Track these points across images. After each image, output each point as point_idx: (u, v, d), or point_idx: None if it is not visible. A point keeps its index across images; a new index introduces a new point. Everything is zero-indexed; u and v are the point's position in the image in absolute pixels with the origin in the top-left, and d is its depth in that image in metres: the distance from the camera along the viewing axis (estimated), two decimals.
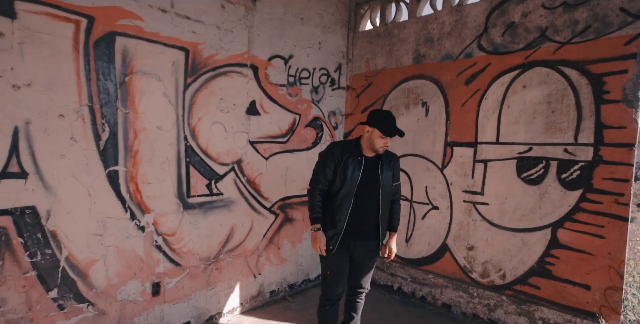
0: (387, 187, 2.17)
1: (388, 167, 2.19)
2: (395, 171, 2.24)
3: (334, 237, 2.13)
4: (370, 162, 2.15)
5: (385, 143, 2.08)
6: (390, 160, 2.23)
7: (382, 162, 2.17)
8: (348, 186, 2.10)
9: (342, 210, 2.12)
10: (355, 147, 2.16)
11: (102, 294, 2.18)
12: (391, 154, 2.27)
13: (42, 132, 1.88)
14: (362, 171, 2.11)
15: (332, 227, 2.14)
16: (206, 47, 2.53)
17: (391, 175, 2.19)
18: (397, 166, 2.27)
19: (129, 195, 2.24)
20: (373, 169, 2.14)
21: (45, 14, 1.84)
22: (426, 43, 3.16)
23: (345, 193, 2.11)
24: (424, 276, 3.23)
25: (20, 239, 1.86)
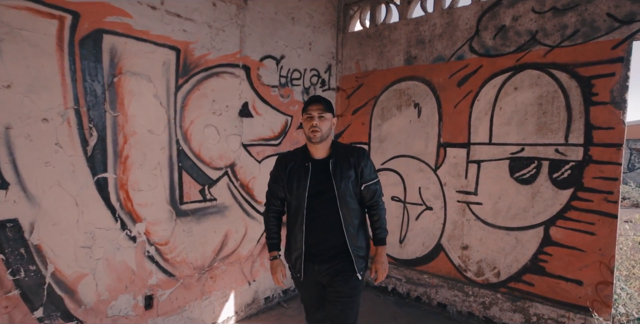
0: (347, 192, 1.71)
1: (345, 167, 1.73)
2: (359, 169, 1.75)
3: (297, 262, 1.78)
4: (320, 165, 1.75)
5: (311, 125, 1.68)
6: (348, 157, 1.74)
7: (333, 161, 1.73)
8: (297, 199, 1.74)
9: (296, 228, 1.76)
10: (303, 152, 1.81)
11: (92, 310, 2.03)
12: (351, 149, 1.79)
13: (23, 138, 1.72)
14: (311, 178, 1.72)
15: (294, 250, 1.79)
16: (198, 46, 2.42)
17: (351, 176, 1.73)
18: (364, 162, 1.76)
19: (119, 203, 2.10)
20: (325, 172, 1.73)
21: (26, 9, 1.69)
22: (417, 45, 3.18)
23: (295, 208, 1.75)
24: (419, 277, 3.25)
25: (1, 256, 1.70)
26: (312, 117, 1.69)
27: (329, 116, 1.74)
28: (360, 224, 1.79)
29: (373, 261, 1.84)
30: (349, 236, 1.73)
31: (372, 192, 1.80)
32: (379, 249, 1.84)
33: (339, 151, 1.78)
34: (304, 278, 1.79)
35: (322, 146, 1.76)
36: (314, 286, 1.84)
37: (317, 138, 1.69)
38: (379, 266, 1.82)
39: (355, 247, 1.75)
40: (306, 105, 1.75)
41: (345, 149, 1.81)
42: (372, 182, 1.80)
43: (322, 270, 1.76)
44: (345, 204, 1.72)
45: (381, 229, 1.85)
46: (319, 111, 1.70)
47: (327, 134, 1.74)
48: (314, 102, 1.73)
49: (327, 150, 1.79)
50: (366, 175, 1.77)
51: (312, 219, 1.73)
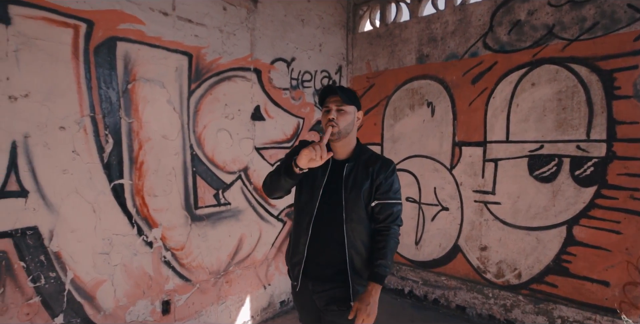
0: (356, 206, 1.45)
1: (361, 176, 1.46)
2: (377, 181, 1.46)
3: (296, 268, 1.53)
4: (338, 167, 1.51)
5: (328, 118, 1.42)
6: (368, 165, 1.48)
7: (349, 166, 1.48)
8: (309, 196, 1.51)
9: (302, 228, 1.51)
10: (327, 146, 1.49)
11: (111, 316, 2.04)
12: (375, 158, 1.51)
13: (42, 146, 1.74)
14: (328, 178, 1.49)
15: (295, 254, 1.55)
16: (209, 51, 2.43)
17: (365, 188, 1.45)
18: (385, 175, 1.46)
19: (135, 209, 2.11)
20: (340, 177, 1.49)
21: (42, 19, 1.71)
22: (429, 43, 3.13)
23: (305, 205, 1.52)
24: (436, 279, 3.19)
25: (22, 263, 1.71)
26: (330, 111, 1.44)
27: (351, 109, 1.46)
28: (367, 247, 1.49)
29: (357, 299, 1.37)
30: (350, 257, 1.45)
31: (386, 215, 1.47)
32: (370, 287, 1.37)
33: (361, 157, 1.51)
34: (299, 288, 1.54)
35: (341, 145, 1.50)
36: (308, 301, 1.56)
37: (335, 135, 1.43)
38: (361, 306, 1.33)
39: (356, 272, 1.45)
40: (322, 96, 1.48)
41: (370, 156, 1.52)
42: (388, 202, 1.47)
43: (316, 290, 1.50)
44: (351, 219, 1.45)
45: (382, 263, 1.41)
46: (337, 103, 1.43)
47: (348, 131, 1.46)
48: (331, 94, 1.45)
49: (348, 152, 1.52)
50: (383, 190, 1.46)
51: (320, 226, 1.48)
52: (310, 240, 1.49)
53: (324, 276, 1.49)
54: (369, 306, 1.34)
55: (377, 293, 1.38)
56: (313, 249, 1.49)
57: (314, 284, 1.50)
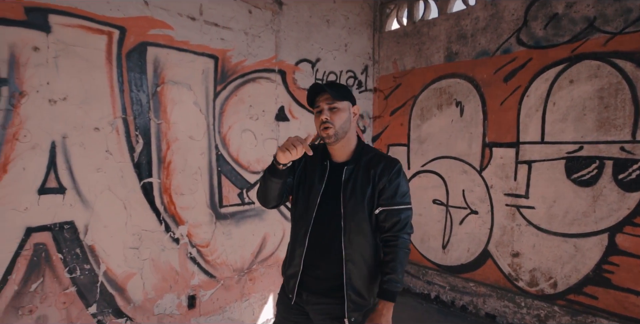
0: (356, 214, 1.32)
1: (361, 180, 1.33)
2: (380, 185, 1.32)
3: (292, 281, 1.41)
4: (337, 171, 1.38)
5: (321, 119, 1.30)
6: (370, 167, 1.34)
7: (348, 169, 1.35)
8: (305, 203, 1.39)
9: (298, 239, 1.40)
10: (323, 150, 1.43)
11: (140, 308, 2.14)
12: (378, 158, 1.37)
13: (78, 146, 1.86)
14: (326, 184, 1.37)
15: (291, 266, 1.43)
16: (235, 53, 2.48)
17: (367, 194, 1.32)
18: (389, 177, 1.32)
19: (163, 207, 2.20)
20: (337, 182, 1.36)
21: (79, 27, 1.82)
22: (459, 40, 3.02)
23: (302, 213, 1.40)
24: (464, 285, 3.07)
25: (60, 255, 1.84)
26: (322, 111, 1.30)
27: (345, 105, 1.33)
28: (369, 262, 1.36)
29: (368, 319, 1.30)
30: (348, 272, 1.32)
31: (393, 222, 1.32)
32: (381, 306, 1.28)
33: (362, 158, 1.37)
34: (284, 299, 1.45)
35: (340, 146, 1.36)
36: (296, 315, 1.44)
37: (331, 137, 1.30)
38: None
39: (353, 287, 1.32)
40: (310, 96, 1.36)
41: (373, 157, 1.37)
42: (395, 208, 1.32)
43: (310, 302, 1.39)
44: (350, 230, 1.32)
45: (392, 278, 1.29)
46: (328, 101, 1.30)
47: (345, 130, 1.33)
48: (320, 92, 1.32)
49: (349, 153, 1.38)
50: (388, 195, 1.32)
51: (317, 236, 1.36)
52: (306, 252, 1.36)
53: (320, 290, 1.37)
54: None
55: (389, 312, 1.27)
56: (309, 261, 1.37)
57: (309, 296, 1.38)
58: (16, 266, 1.71)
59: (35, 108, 1.72)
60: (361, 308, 1.35)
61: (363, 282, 1.35)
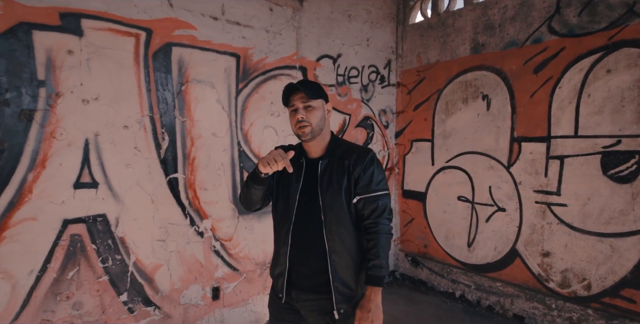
0: (334, 206, 1.34)
1: (337, 172, 1.36)
2: (354, 175, 1.35)
3: (280, 280, 1.42)
4: (313, 166, 1.40)
5: (298, 118, 1.33)
6: (344, 158, 1.37)
7: (324, 163, 1.38)
8: (285, 203, 1.41)
9: (281, 238, 1.42)
10: (300, 148, 1.47)
11: (167, 298, 2.25)
12: (351, 149, 1.40)
13: (109, 144, 1.97)
14: (304, 181, 1.39)
15: (277, 265, 1.45)
16: (256, 51, 2.52)
17: (343, 185, 1.34)
18: (363, 166, 1.35)
19: (188, 201, 2.29)
20: (314, 177, 1.39)
21: (109, 30, 1.92)
22: (486, 31, 2.90)
23: (283, 213, 1.42)
24: (491, 284, 2.98)
25: (94, 246, 1.96)
26: (297, 110, 1.34)
27: (319, 103, 1.37)
28: (352, 252, 1.38)
29: (358, 306, 1.32)
30: (333, 264, 1.34)
31: (371, 209, 1.35)
32: (369, 292, 1.31)
33: (337, 151, 1.40)
34: (275, 299, 1.46)
35: (316, 143, 1.39)
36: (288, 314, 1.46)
37: (307, 135, 1.33)
38: (363, 315, 1.27)
39: (339, 279, 1.34)
40: (285, 96, 1.38)
41: (346, 149, 1.40)
42: (371, 195, 1.34)
43: (300, 299, 1.41)
44: (330, 221, 1.34)
45: (376, 263, 1.32)
46: (302, 100, 1.33)
47: (321, 127, 1.36)
48: (294, 91, 1.35)
49: (323, 147, 1.42)
50: (363, 184, 1.34)
51: (299, 233, 1.38)
52: (290, 250, 1.38)
53: (308, 286, 1.39)
54: (370, 313, 1.27)
55: (377, 297, 1.30)
56: (295, 258, 1.39)
57: (298, 293, 1.40)
58: (54, 255, 1.84)
59: (70, 108, 1.83)
60: (349, 299, 1.37)
61: (349, 272, 1.36)
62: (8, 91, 1.67)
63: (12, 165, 1.70)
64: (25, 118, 1.72)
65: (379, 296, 1.31)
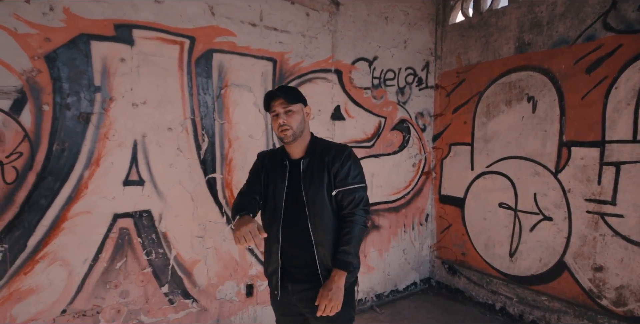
0: (317, 200, 1.45)
1: (317, 169, 1.47)
2: (333, 170, 1.46)
3: (273, 277, 1.52)
4: (296, 167, 1.51)
5: (279, 123, 1.45)
6: (323, 156, 1.47)
7: (305, 162, 1.49)
8: (273, 204, 1.51)
9: (272, 238, 1.51)
10: (282, 153, 1.58)
11: (204, 292, 2.35)
12: (329, 147, 1.51)
13: (155, 144, 2.11)
14: (288, 181, 1.50)
15: (270, 263, 1.55)
16: (292, 55, 2.59)
17: (324, 180, 1.46)
18: (341, 161, 1.46)
19: (224, 200, 2.39)
20: (298, 175, 1.50)
21: (157, 39, 2.07)
22: (532, 29, 2.75)
23: (271, 214, 1.52)
24: (535, 298, 2.79)
25: (139, 239, 2.11)
26: (278, 115, 1.45)
27: (298, 108, 1.48)
28: (335, 242, 1.47)
29: (322, 285, 1.42)
30: (319, 255, 1.45)
31: (348, 201, 1.46)
32: (333, 273, 1.41)
33: (316, 150, 1.51)
34: (281, 297, 1.53)
35: (297, 144, 1.51)
36: (291, 310, 1.57)
37: (289, 137, 1.45)
38: (324, 292, 1.38)
39: (326, 269, 1.45)
40: (266, 102, 1.49)
41: (325, 147, 1.52)
42: (348, 188, 1.46)
43: (295, 291, 1.50)
44: (314, 215, 1.45)
45: (345, 249, 1.42)
46: (283, 106, 1.44)
47: (301, 129, 1.48)
48: (274, 97, 1.46)
49: (304, 148, 1.53)
50: (341, 178, 1.45)
51: (288, 229, 1.49)
52: (282, 247, 1.49)
53: (301, 277, 1.49)
54: (330, 292, 1.37)
55: (340, 279, 1.40)
56: (286, 254, 1.50)
57: (293, 286, 1.50)
58: (105, 246, 2.00)
59: (121, 111, 1.99)
60: None
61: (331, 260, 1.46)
62: (69, 95, 1.85)
63: (71, 163, 1.89)
64: (83, 120, 1.90)
65: (342, 279, 1.41)
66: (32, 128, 1.78)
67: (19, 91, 1.74)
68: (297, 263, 1.50)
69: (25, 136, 1.77)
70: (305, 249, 1.47)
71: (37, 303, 1.85)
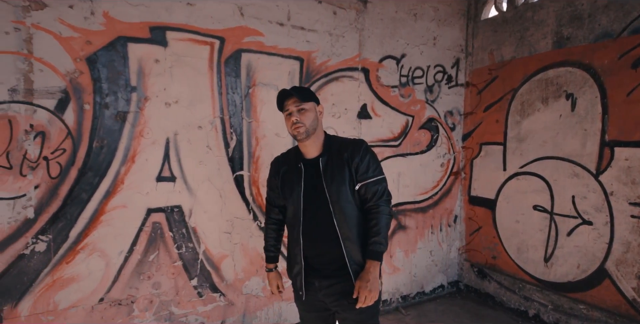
0: (341, 196, 1.46)
1: (337, 166, 1.48)
2: (353, 165, 1.48)
3: (298, 278, 1.56)
4: (313, 166, 1.52)
5: (292, 121, 1.47)
6: (342, 152, 1.49)
7: (324, 160, 1.50)
8: (293, 207, 1.54)
9: (294, 240, 1.56)
10: (296, 153, 1.61)
11: (231, 286, 2.41)
12: (346, 143, 1.53)
13: (186, 142, 2.18)
14: (305, 182, 1.51)
15: (294, 265, 1.59)
16: (319, 54, 2.59)
17: (345, 176, 1.47)
18: (360, 155, 1.48)
19: (251, 198, 2.43)
20: (318, 174, 1.51)
21: (189, 40, 2.14)
22: (572, 22, 2.60)
23: (292, 217, 1.56)
24: (572, 306, 2.65)
25: (171, 233, 2.19)
26: (291, 113, 1.48)
27: (311, 106, 1.50)
28: (361, 235, 1.51)
29: (358, 278, 1.45)
30: (347, 249, 1.47)
31: (372, 193, 1.49)
32: (368, 265, 1.44)
33: (333, 147, 1.52)
34: (306, 296, 1.56)
35: (311, 142, 1.52)
36: (316, 306, 1.59)
37: (302, 134, 1.46)
38: (362, 284, 1.40)
39: (355, 263, 1.47)
40: (279, 102, 1.53)
41: (341, 143, 1.54)
42: (370, 181, 1.48)
43: (323, 287, 1.52)
44: (339, 210, 1.46)
45: (376, 240, 1.46)
46: (295, 104, 1.47)
47: (314, 127, 1.50)
48: (287, 96, 1.50)
49: (319, 147, 1.54)
50: (362, 171, 1.48)
51: (309, 229, 1.51)
52: (305, 247, 1.52)
53: (329, 272, 1.52)
54: (369, 283, 1.40)
55: (376, 270, 1.43)
56: (311, 253, 1.53)
57: (320, 282, 1.52)
58: (139, 239, 2.10)
59: (155, 110, 2.08)
60: None
61: (359, 254, 1.49)
62: (108, 95, 1.96)
63: (109, 159, 1.99)
64: (120, 119, 2.00)
65: (377, 269, 1.44)
66: (74, 126, 1.90)
67: (63, 91, 1.86)
68: (324, 260, 1.52)
69: (68, 134, 1.88)
70: (332, 246, 1.48)
71: (78, 291, 1.97)
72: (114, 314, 2.06)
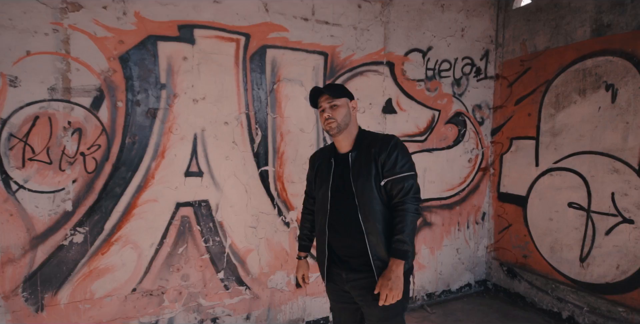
0: (366, 191, 1.47)
1: (365, 161, 1.49)
2: (379, 160, 1.47)
3: (322, 266, 1.62)
4: (344, 160, 1.56)
5: (326, 117, 1.51)
6: (370, 147, 1.50)
7: (353, 155, 1.53)
8: (321, 198, 1.60)
9: (320, 229, 1.61)
10: (331, 148, 1.67)
11: (256, 280, 2.45)
12: (376, 138, 1.54)
13: (212, 138, 2.23)
14: (334, 175, 1.56)
15: (319, 253, 1.63)
16: (343, 49, 2.57)
17: (372, 171, 1.47)
18: (387, 151, 1.47)
19: (276, 193, 2.45)
20: (347, 169, 1.54)
21: (215, 37, 2.17)
22: (612, 9, 2.45)
23: (320, 207, 1.61)
24: (610, 308, 2.51)
25: (198, 227, 2.24)
26: (324, 110, 1.53)
27: (343, 101, 1.54)
28: (385, 231, 1.49)
29: (381, 275, 1.44)
30: (371, 245, 1.47)
31: (398, 190, 1.46)
32: (391, 263, 1.42)
33: (364, 142, 1.54)
34: (329, 283, 1.64)
35: (344, 137, 1.56)
36: (344, 297, 1.63)
37: (334, 129, 1.51)
38: (383, 281, 1.40)
39: (379, 258, 1.47)
40: (312, 100, 1.59)
41: (372, 139, 1.54)
42: (397, 177, 1.46)
43: (349, 279, 1.55)
44: (364, 205, 1.47)
45: (399, 238, 1.43)
46: (328, 101, 1.52)
47: (347, 122, 1.53)
48: (319, 94, 1.56)
49: (352, 142, 1.57)
50: (388, 167, 1.46)
51: (335, 221, 1.55)
52: (331, 237, 1.57)
53: (355, 266, 1.53)
54: (390, 281, 1.39)
55: (399, 268, 1.41)
56: (338, 245, 1.56)
57: (347, 274, 1.55)
58: (169, 232, 2.16)
59: (183, 106, 2.12)
60: None
61: (383, 249, 1.48)
62: (139, 93, 2.02)
63: (140, 155, 2.06)
64: (150, 116, 2.06)
65: (401, 268, 1.42)
66: (108, 123, 1.97)
67: (98, 89, 1.93)
68: (352, 253, 1.54)
69: (103, 130, 1.96)
70: (356, 239, 1.50)
71: (112, 280, 2.05)
72: (145, 304, 2.14)
